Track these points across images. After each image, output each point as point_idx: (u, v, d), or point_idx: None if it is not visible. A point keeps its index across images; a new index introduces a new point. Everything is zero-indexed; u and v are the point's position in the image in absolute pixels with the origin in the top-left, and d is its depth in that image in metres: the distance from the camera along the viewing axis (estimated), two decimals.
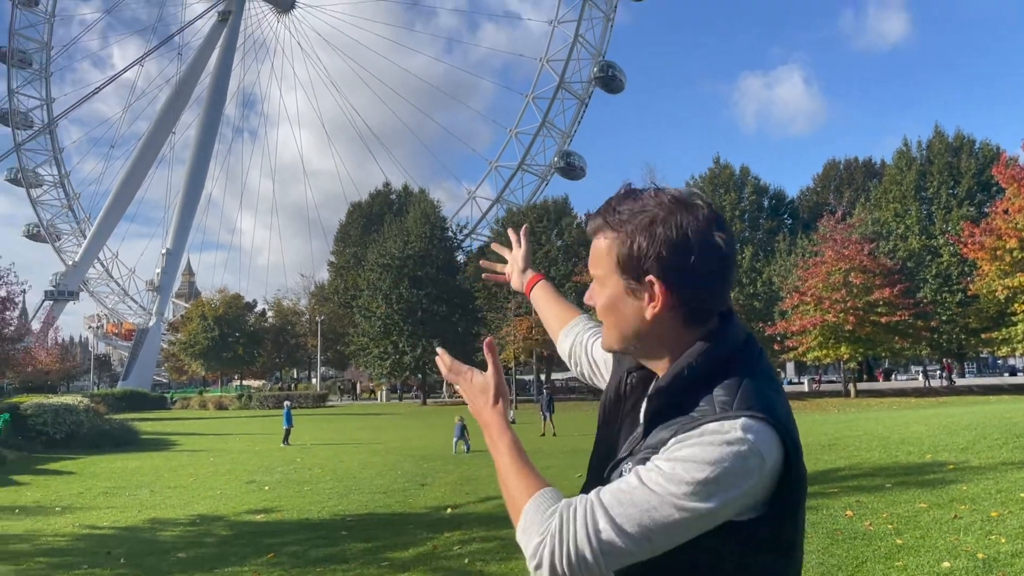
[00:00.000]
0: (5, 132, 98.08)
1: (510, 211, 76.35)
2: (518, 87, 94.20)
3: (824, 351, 48.54)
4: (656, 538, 1.36)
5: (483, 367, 1.71)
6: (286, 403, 33.64)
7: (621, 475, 1.49)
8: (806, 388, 62.88)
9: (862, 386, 55.33)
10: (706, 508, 1.34)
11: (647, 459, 1.43)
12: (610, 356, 1.88)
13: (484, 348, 1.71)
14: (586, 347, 2.10)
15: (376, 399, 77.27)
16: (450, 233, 74.20)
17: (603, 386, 1.92)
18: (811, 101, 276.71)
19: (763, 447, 1.37)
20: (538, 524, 1.41)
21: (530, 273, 2.38)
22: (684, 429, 1.40)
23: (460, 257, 74.15)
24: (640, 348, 1.60)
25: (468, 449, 21.55)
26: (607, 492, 1.39)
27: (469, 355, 63.73)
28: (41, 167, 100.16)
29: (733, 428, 1.37)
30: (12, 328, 50.86)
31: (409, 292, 63.69)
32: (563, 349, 2.19)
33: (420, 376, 68.24)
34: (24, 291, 65.36)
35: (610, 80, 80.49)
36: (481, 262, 2.69)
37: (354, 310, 68.48)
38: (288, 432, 27.60)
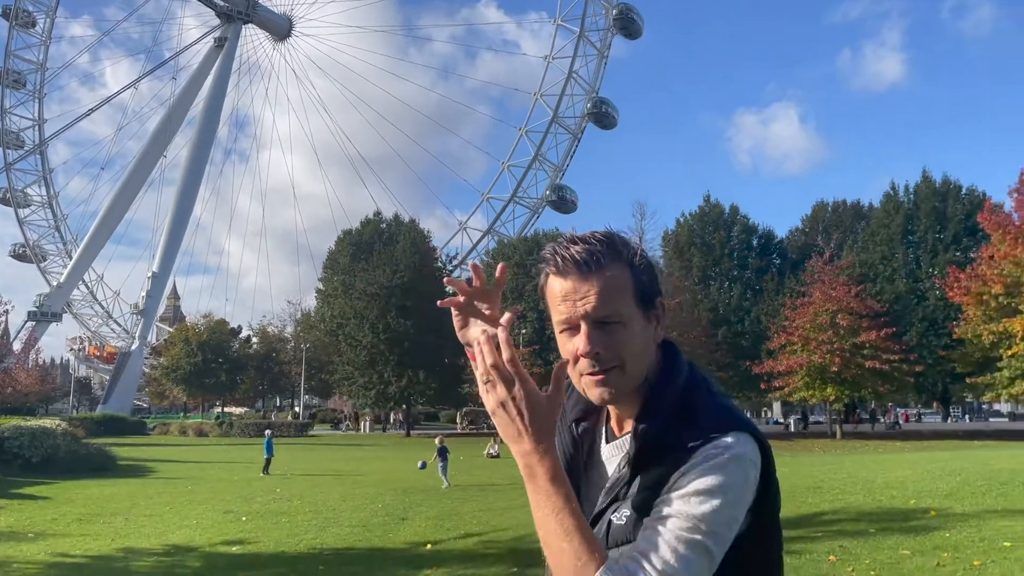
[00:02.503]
0: None
1: (501, 243, 76.59)
2: (512, 120, 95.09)
3: (810, 391, 48.57)
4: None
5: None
6: (267, 432, 33.35)
7: (611, 524, 1.44)
8: (792, 428, 62.76)
9: (848, 428, 55.31)
10: (732, 534, 1.35)
11: (648, 500, 1.38)
12: None
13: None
14: None
15: (360, 429, 76.54)
16: (440, 263, 74.16)
17: None
18: (807, 140, 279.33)
19: (754, 457, 1.39)
20: None
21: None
22: (684, 460, 1.37)
23: (449, 288, 73.88)
24: (636, 384, 1.48)
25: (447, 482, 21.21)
26: (658, 560, 1.28)
27: (456, 387, 63.33)
28: (30, 187, 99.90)
29: (728, 447, 1.36)
30: None
31: (396, 322, 63.39)
32: None
33: (404, 407, 67.75)
34: (7, 311, 65.10)
35: (603, 116, 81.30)
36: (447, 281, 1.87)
37: (340, 339, 68.09)
38: (268, 461, 27.21)
